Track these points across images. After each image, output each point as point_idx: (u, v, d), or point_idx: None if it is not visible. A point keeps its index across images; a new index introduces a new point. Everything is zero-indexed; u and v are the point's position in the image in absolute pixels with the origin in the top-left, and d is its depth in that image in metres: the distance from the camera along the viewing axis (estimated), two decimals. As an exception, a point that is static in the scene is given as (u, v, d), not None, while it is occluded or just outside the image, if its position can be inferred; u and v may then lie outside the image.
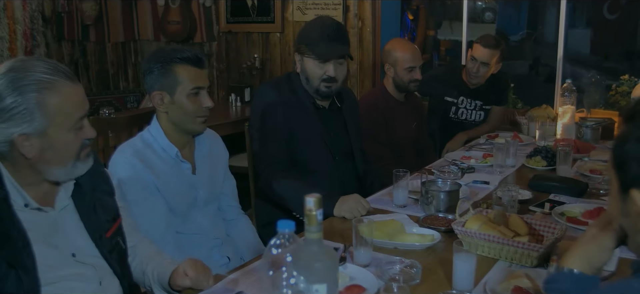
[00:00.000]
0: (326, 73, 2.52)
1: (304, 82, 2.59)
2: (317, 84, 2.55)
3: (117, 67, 6.09)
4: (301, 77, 2.60)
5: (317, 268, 1.10)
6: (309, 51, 2.53)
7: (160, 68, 2.03)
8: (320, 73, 2.53)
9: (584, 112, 4.09)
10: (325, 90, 2.56)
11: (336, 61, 2.53)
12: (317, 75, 2.54)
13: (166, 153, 2.08)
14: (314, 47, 2.52)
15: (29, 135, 1.42)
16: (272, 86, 2.60)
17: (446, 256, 1.77)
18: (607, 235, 1.23)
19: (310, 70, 2.54)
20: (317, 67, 2.53)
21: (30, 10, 5.18)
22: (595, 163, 2.89)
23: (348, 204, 2.18)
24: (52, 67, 1.45)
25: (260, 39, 5.41)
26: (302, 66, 2.58)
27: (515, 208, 2.13)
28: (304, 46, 2.55)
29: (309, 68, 2.55)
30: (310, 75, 2.55)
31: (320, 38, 2.52)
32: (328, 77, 2.53)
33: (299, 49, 2.58)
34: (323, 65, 2.52)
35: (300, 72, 2.60)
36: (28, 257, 1.42)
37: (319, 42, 2.52)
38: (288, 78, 2.66)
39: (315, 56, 2.51)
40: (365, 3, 4.78)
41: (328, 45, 2.51)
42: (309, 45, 2.53)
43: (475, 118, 3.96)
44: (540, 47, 10.05)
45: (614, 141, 1.12)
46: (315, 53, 2.51)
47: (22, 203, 1.48)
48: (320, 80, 2.54)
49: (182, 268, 1.65)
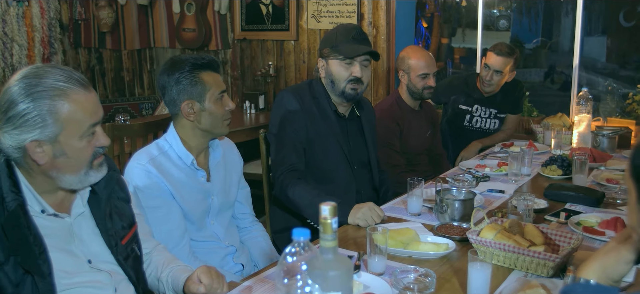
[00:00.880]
0: (352, 73, 2.52)
1: (329, 87, 2.59)
2: (343, 86, 2.55)
3: (133, 74, 6.14)
4: (326, 81, 2.60)
5: (331, 276, 1.09)
6: (335, 53, 2.53)
7: (188, 78, 2.04)
8: (346, 74, 2.53)
9: (600, 120, 4.06)
10: (350, 92, 2.56)
11: (362, 62, 2.54)
12: (343, 77, 2.54)
13: (182, 160, 2.10)
14: (339, 48, 2.53)
15: (41, 142, 1.43)
16: (292, 93, 2.59)
17: (461, 265, 1.77)
18: (626, 248, 1.22)
19: (336, 72, 2.54)
20: (343, 68, 2.53)
21: (48, 18, 5.25)
22: (611, 172, 2.86)
23: (362, 212, 2.18)
24: (67, 74, 1.46)
25: (274, 47, 5.43)
26: (327, 70, 2.58)
27: (531, 217, 2.11)
28: (328, 49, 2.56)
29: (334, 70, 2.55)
30: (335, 77, 2.55)
31: (345, 39, 2.54)
32: (354, 78, 2.53)
33: (322, 54, 2.59)
34: (349, 66, 2.52)
35: (324, 77, 2.60)
36: (44, 263, 1.43)
37: (345, 42, 2.53)
38: (309, 85, 2.66)
39: (342, 56, 2.52)
40: (379, 11, 4.78)
41: (353, 45, 2.52)
42: (334, 47, 2.54)
43: (489, 127, 3.94)
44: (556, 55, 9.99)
45: (632, 150, 1.11)
46: (341, 54, 2.52)
47: (38, 209, 1.49)
48: (346, 81, 2.54)
49: (196, 275, 1.65)
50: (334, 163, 2.59)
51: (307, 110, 2.55)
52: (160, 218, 2.02)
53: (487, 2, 6.37)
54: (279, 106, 2.57)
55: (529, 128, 4.22)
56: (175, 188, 2.04)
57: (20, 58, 5.06)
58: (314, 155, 2.55)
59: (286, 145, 2.49)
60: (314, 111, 2.57)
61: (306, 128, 2.52)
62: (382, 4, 4.77)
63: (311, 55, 5.21)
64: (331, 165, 2.59)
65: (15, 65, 5.01)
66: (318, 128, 2.55)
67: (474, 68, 4.99)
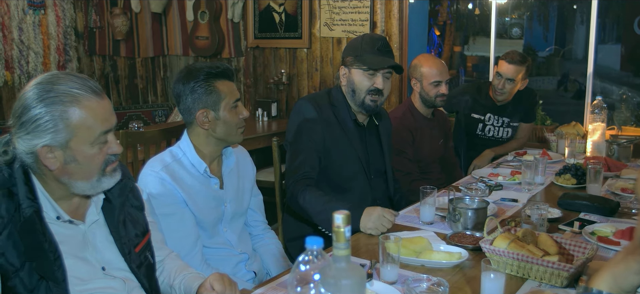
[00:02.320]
0: (374, 84, 2.52)
1: (349, 96, 2.59)
2: (363, 96, 2.55)
3: (146, 82, 6.18)
4: (346, 90, 2.60)
5: (344, 285, 1.10)
6: (359, 62, 2.53)
7: (203, 87, 2.05)
8: (368, 84, 2.53)
9: (614, 129, 4.03)
10: (370, 103, 2.55)
11: (384, 74, 2.54)
12: (365, 87, 2.53)
13: (195, 168, 2.11)
14: (364, 58, 2.52)
15: (52, 147, 1.45)
16: (311, 101, 2.57)
17: (474, 275, 1.76)
18: (634, 258, 1.21)
19: (358, 82, 2.54)
20: (365, 79, 2.53)
21: (63, 26, 5.31)
22: (626, 181, 2.84)
23: (373, 221, 2.16)
24: (80, 81, 1.48)
25: (287, 55, 5.45)
26: (349, 78, 2.57)
27: (545, 227, 2.10)
28: (352, 58, 2.56)
29: (356, 80, 2.55)
30: (357, 87, 2.55)
31: (370, 50, 2.53)
32: (375, 89, 2.53)
33: (345, 62, 2.59)
34: (372, 77, 2.52)
35: (345, 85, 2.60)
36: (59, 269, 1.45)
37: (369, 53, 2.52)
38: (328, 93, 2.66)
39: (366, 67, 2.51)
40: (392, 19, 4.79)
41: (378, 56, 2.52)
42: (359, 57, 2.53)
43: (502, 136, 3.93)
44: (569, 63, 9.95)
45: None
46: (366, 64, 2.51)
47: (54, 216, 1.51)
48: (367, 92, 2.53)
49: (209, 282, 1.66)
50: (351, 172, 2.58)
51: (325, 119, 2.54)
52: (174, 226, 2.03)
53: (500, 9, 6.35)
54: (297, 114, 2.56)
55: (543, 137, 4.20)
56: (188, 196, 2.06)
57: (35, 65, 5.12)
58: (331, 164, 2.54)
59: (301, 153, 2.48)
60: (332, 120, 2.56)
61: (323, 137, 2.51)
62: (394, 12, 4.78)
63: (324, 63, 5.22)
64: (349, 173, 2.58)
65: (31, 72, 5.07)
66: (336, 137, 2.54)
67: (487, 76, 4.98)
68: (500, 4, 5.53)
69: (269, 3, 5.43)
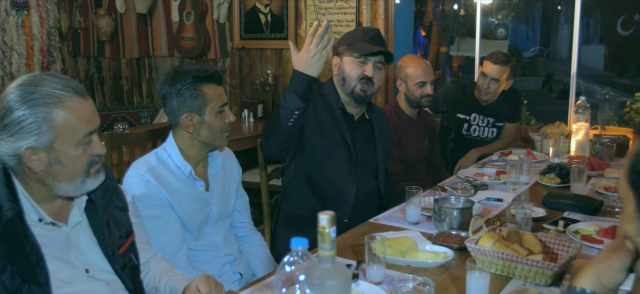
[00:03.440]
0: (365, 72, 2.54)
1: (339, 84, 2.60)
2: (353, 84, 2.56)
3: (132, 83, 6.15)
4: (337, 78, 2.61)
5: (329, 285, 1.10)
6: (350, 50, 2.55)
7: (189, 90, 2.03)
8: (358, 72, 2.54)
9: (598, 128, 4.07)
10: (360, 92, 2.57)
11: (375, 64, 2.55)
12: (355, 75, 2.55)
13: (180, 170, 2.09)
14: (355, 45, 2.55)
15: (36, 149, 1.43)
16: None
17: (459, 274, 1.77)
18: (618, 256, 1.22)
19: (349, 70, 2.56)
20: (356, 66, 2.55)
21: (47, 27, 5.27)
22: (609, 180, 2.87)
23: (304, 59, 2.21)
24: (63, 83, 1.47)
25: (273, 55, 5.45)
26: (340, 67, 2.60)
27: (529, 226, 2.11)
28: (344, 47, 2.58)
29: (347, 68, 2.56)
30: (348, 75, 2.56)
31: (362, 39, 2.56)
32: (366, 77, 2.54)
33: (338, 51, 2.61)
34: (362, 65, 2.54)
35: (336, 74, 2.62)
36: (41, 272, 1.43)
37: (361, 41, 2.55)
38: (319, 85, 2.66)
39: (357, 53, 2.53)
40: (378, 20, 4.80)
41: (370, 44, 2.54)
42: (350, 45, 2.56)
43: (487, 135, 3.95)
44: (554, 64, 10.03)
45: (631, 157, 1.10)
46: (356, 51, 2.53)
47: (36, 218, 1.49)
48: (357, 80, 2.55)
49: (194, 284, 1.65)
50: (336, 161, 2.58)
51: (313, 106, 2.54)
52: (159, 228, 2.02)
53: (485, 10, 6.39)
54: None
55: (527, 137, 4.22)
56: (173, 198, 2.04)
57: (19, 67, 5.07)
58: (316, 153, 2.54)
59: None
60: (320, 107, 2.58)
61: (308, 120, 2.47)
62: (380, 13, 4.78)
63: (310, 64, 5.21)
64: (334, 163, 2.57)
65: (14, 73, 5.02)
66: (322, 125, 2.55)
67: (472, 77, 5.00)
68: (485, 4, 5.56)
69: (255, 4, 5.43)
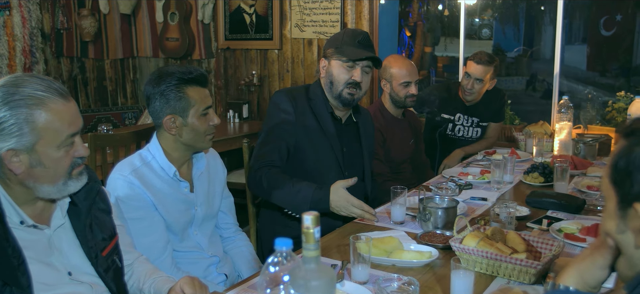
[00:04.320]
0: (352, 77, 2.52)
1: (327, 88, 2.59)
2: (341, 89, 2.54)
3: (116, 84, 6.10)
4: (325, 81, 2.60)
5: (314, 286, 1.09)
6: (338, 54, 2.53)
7: (173, 92, 2.02)
8: (346, 77, 2.53)
9: (580, 128, 4.11)
10: (347, 96, 2.55)
11: (363, 68, 2.54)
12: (343, 79, 2.53)
13: (164, 172, 2.08)
14: (343, 49, 2.53)
15: (17, 151, 1.42)
16: (286, 94, 2.58)
17: (444, 273, 1.78)
18: (600, 254, 1.23)
19: (337, 74, 2.54)
20: (344, 71, 2.53)
21: (29, 28, 5.22)
22: (592, 179, 2.89)
23: (338, 205, 2.27)
24: (45, 84, 1.45)
25: (258, 56, 5.44)
26: (328, 70, 2.58)
27: (513, 225, 2.13)
28: (332, 50, 2.56)
29: (335, 72, 2.55)
30: (335, 79, 2.55)
31: (351, 43, 2.53)
32: (353, 82, 2.52)
33: (326, 54, 2.59)
34: (350, 69, 2.52)
35: (324, 77, 2.60)
36: (23, 275, 1.41)
37: (349, 45, 2.53)
38: (306, 87, 2.66)
39: (345, 58, 2.51)
40: (362, 20, 4.81)
41: (358, 49, 2.52)
42: (338, 49, 2.54)
43: (472, 135, 3.97)
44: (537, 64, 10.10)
45: (613, 156, 1.11)
46: (345, 55, 2.52)
47: (17, 221, 1.47)
48: (345, 84, 2.53)
49: (179, 286, 1.64)
50: (324, 166, 2.58)
51: (300, 112, 2.54)
52: (143, 230, 2.00)
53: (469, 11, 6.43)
54: (272, 105, 2.57)
55: (511, 136, 4.26)
56: (157, 200, 2.03)
57: (0, 68, 5.02)
58: (305, 158, 2.54)
59: (271, 143, 2.48)
60: (307, 113, 2.56)
61: (295, 131, 2.51)
62: (365, 13, 4.80)
63: (295, 65, 5.22)
64: (322, 168, 2.57)
65: (-4, 75, 4.97)
66: (310, 131, 2.55)
67: (457, 77, 5.03)
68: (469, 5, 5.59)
69: (240, 4, 5.41)
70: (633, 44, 8.40)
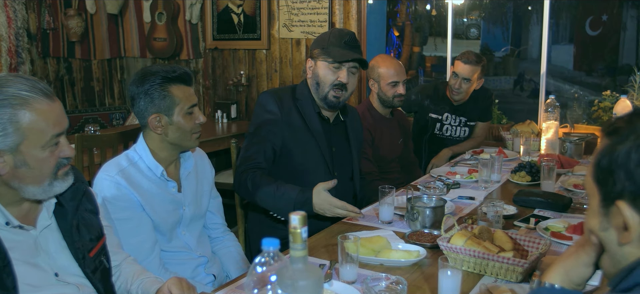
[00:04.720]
0: (338, 78, 2.50)
1: (314, 89, 2.57)
2: (327, 90, 2.53)
3: (103, 84, 6.06)
4: (311, 82, 2.58)
5: (301, 286, 1.09)
6: (324, 54, 2.51)
7: (157, 91, 2.01)
8: (332, 78, 2.51)
9: (567, 127, 4.14)
10: (333, 99, 2.54)
11: (349, 69, 2.52)
12: (329, 81, 2.51)
13: (152, 172, 2.07)
14: (329, 50, 2.50)
15: (2, 151, 1.41)
16: (272, 95, 2.56)
17: (432, 272, 1.78)
18: (585, 251, 1.24)
19: (323, 75, 2.52)
20: (330, 72, 2.51)
21: (15, 27, 5.17)
22: (578, 178, 2.91)
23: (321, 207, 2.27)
24: (30, 83, 1.44)
25: (246, 56, 5.43)
26: (314, 71, 2.56)
27: (500, 224, 2.14)
28: (318, 50, 2.54)
29: (321, 73, 2.53)
30: (321, 80, 2.53)
31: (337, 43, 2.51)
32: (339, 83, 2.51)
33: (312, 54, 2.57)
34: (336, 70, 2.50)
35: (310, 77, 2.58)
36: (8, 277, 1.40)
37: (336, 46, 2.50)
38: (293, 88, 2.65)
39: (331, 59, 2.49)
40: (350, 20, 4.81)
41: (344, 50, 2.50)
42: (325, 50, 2.52)
43: (460, 135, 3.99)
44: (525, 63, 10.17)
45: (596, 155, 1.12)
46: (331, 56, 2.50)
47: (3, 222, 1.46)
48: (331, 86, 2.51)
49: (167, 287, 1.63)
50: (312, 165, 2.57)
51: (287, 113, 2.53)
52: (130, 230, 1.99)
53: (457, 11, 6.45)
54: (258, 106, 2.56)
55: (499, 136, 4.28)
56: (145, 200, 2.02)
57: (-14, 68, 4.97)
58: (292, 158, 2.53)
59: (256, 144, 2.47)
60: (294, 114, 2.55)
61: (282, 132, 2.50)
62: (353, 13, 4.80)
63: (283, 65, 5.21)
64: (309, 168, 2.56)
65: (-19, 75, 4.91)
66: (296, 131, 2.53)
67: (445, 77, 5.05)
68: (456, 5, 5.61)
69: (227, 4, 5.40)
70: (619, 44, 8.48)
